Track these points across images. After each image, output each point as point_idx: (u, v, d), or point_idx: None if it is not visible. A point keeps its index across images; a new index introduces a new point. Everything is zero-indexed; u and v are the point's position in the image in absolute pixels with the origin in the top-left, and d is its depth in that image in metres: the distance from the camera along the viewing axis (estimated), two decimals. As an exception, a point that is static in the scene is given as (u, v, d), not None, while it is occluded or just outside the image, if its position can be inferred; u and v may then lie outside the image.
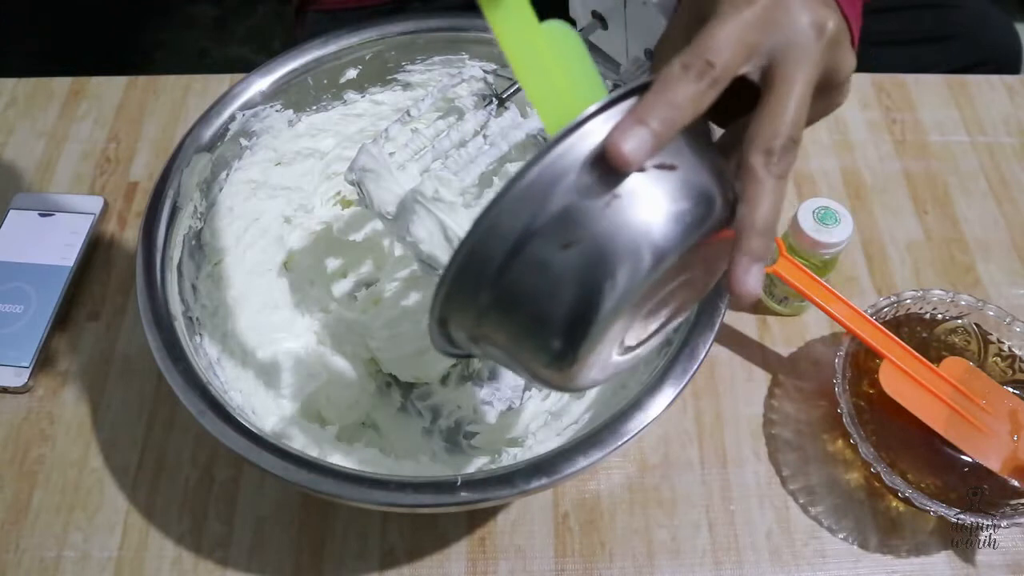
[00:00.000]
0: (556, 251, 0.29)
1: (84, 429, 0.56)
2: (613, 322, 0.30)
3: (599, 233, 0.29)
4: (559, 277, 0.29)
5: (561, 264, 0.29)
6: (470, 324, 0.32)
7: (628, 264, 0.29)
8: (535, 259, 0.29)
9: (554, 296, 0.29)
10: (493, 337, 0.32)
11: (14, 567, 0.50)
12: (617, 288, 0.29)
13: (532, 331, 0.31)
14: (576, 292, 0.29)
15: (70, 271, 0.61)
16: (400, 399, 0.57)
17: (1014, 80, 0.77)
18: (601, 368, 0.33)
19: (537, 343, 0.31)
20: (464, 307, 0.32)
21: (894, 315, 0.56)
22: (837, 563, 0.51)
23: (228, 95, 0.53)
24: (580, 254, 0.29)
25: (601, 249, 0.29)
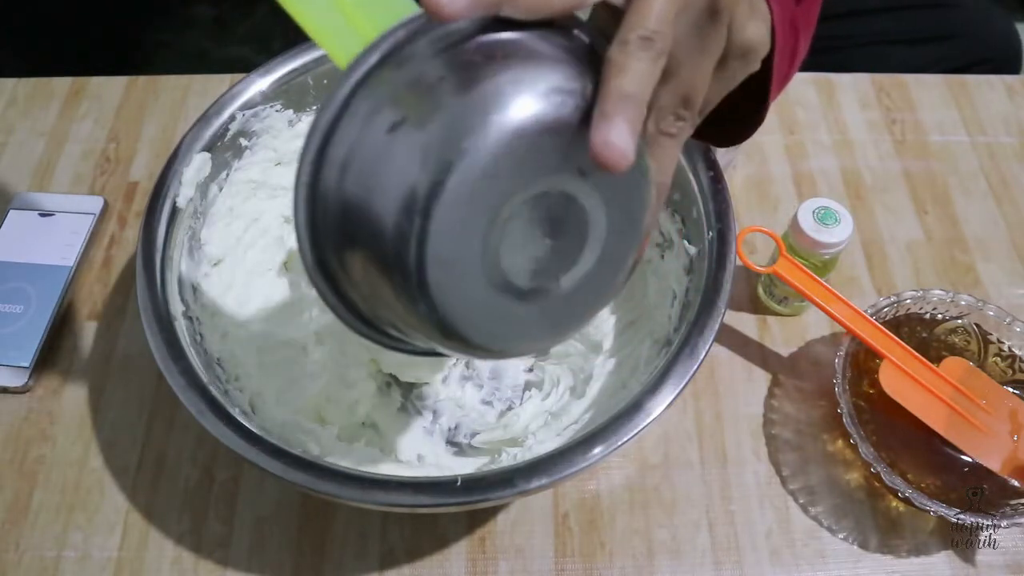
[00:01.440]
0: (382, 135, 0.27)
1: (84, 429, 0.56)
2: (455, 220, 0.27)
3: (422, 109, 0.27)
4: (387, 168, 0.27)
5: (387, 150, 0.27)
6: (340, 268, 0.30)
7: (454, 143, 0.26)
8: (366, 153, 0.28)
9: (385, 195, 0.27)
10: (363, 284, 0.30)
11: (14, 567, 0.50)
12: (449, 173, 0.26)
13: (380, 250, 0.28)
14: (404, 183, 0.27)
15: (70, 271, 0.61)
16: (400, 399, 0.57)
17: (1014, 80, 0.77)
18: (491, 313, 0.31)
19: (390, 264, 0.28)
20: (327, 243, 0.30)
21: (894, 315, 0.56)
22: (837, 563, 0.51)
23: (228, 95, 0.53)
24: (405, 134, 0.27)
25: (424, 125, 0.27)
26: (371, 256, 0.29)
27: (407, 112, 0.27)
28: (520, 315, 0.32)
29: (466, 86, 0.27)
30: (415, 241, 0.27)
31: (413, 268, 0.27)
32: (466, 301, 0.29)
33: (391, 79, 0.28)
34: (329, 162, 0.29)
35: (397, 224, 0.27)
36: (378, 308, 0.32)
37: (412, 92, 0.28)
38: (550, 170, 0.29)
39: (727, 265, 0.47)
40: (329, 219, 0.29)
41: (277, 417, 0.51)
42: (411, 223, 0.27)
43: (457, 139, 0.26)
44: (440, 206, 0.27)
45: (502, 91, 0.27)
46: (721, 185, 0.50)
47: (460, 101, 0.27)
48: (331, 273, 0.31)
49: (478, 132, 0.26)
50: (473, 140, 0.26)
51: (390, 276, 0.29)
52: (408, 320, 0.31)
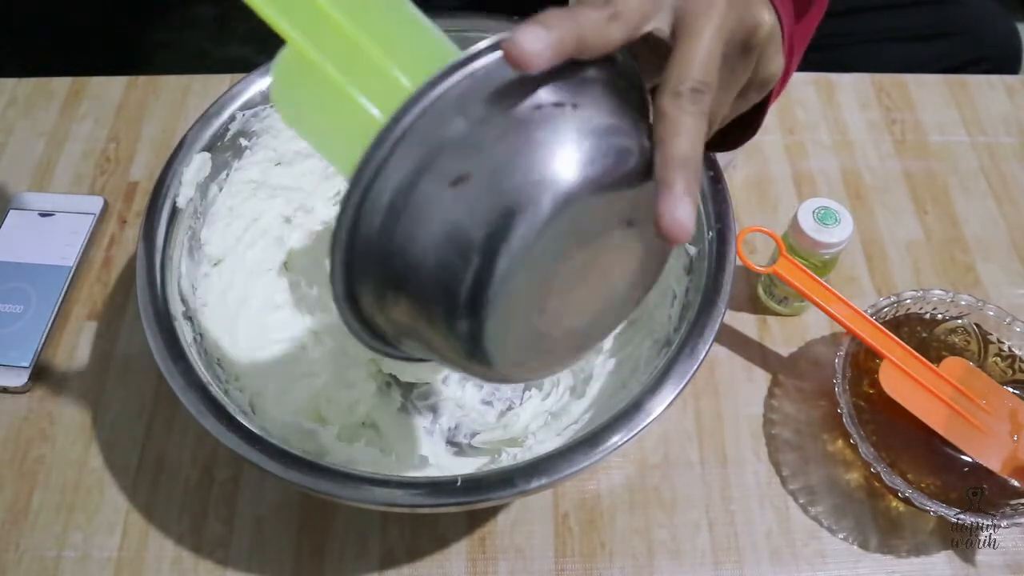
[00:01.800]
0: (444, 189, 0.27)
1: (84, 429, 0.56)
2: (516, 273, 0.27)
3: (490, 166, 0.27)
4: (448, 220, 0.27)
5: (449, 204, 0.27)
6: (375, 302, 0.30)
7: (523, 201, 0.27)
8: (424, 200, 0.27)
9: (445, 246, 0.27)
10: (399, 316, 0.30)
11: (14, 567, 0.50)
12: (514, 230, 0.26)
13: (428, 294, 0.28)
14: (468, 236, 0.27)
15: (70, 271, 0.61)
16: (400, 399, 0.57)
17: (1014, 80, 0.77)
18: (527, 346, 0.31)
19: (437, 309, 0.29)
20: (364, 280, 0.30)
21: (894, 315, 0.56)
22: (837, 563, 0.51)
23: (228, 95, 0.53)
24: (470, 190, 0.27)
25: (493, 182, 0.27)
26: (419, 300, 0.29)
27: (472, 167, 0.27)
28: (549, 348, 0.33)
29: (533, 141, 0.27)
30: (472, 293, 0.27)
31: (466, 314, 0.28)
32: (509, 341, 0.30)
33: (452, 126, 0.27)
34: (375, 203, 0.28)
35: (455, 276, 0.27)
36: (405, 337, 0.32)
37: (477, 145, 0.27)
38: (606, 224, 0.30)
39: (727, 265, 0.47)
40: (371, 258, 0.29)
41: (277, 417, 0.51)
42: (471, 275, 0.27)
43: (523, 199, 0.27)
44: (502, 263, 0.27)
45: (568, 148, 0.27)
46: (721, 185, 0.50)
47: (527, 159, 0.27)
48: (359, 303, 0.31)
49: (544, 191, 0.27)
50: (539, 200, 0.27)
51: (437, 319, 0.29)
52: (439, 350, 0.31)
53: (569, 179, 0.27)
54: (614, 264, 0.32)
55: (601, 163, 0.28)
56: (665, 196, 0.28)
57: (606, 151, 0.28)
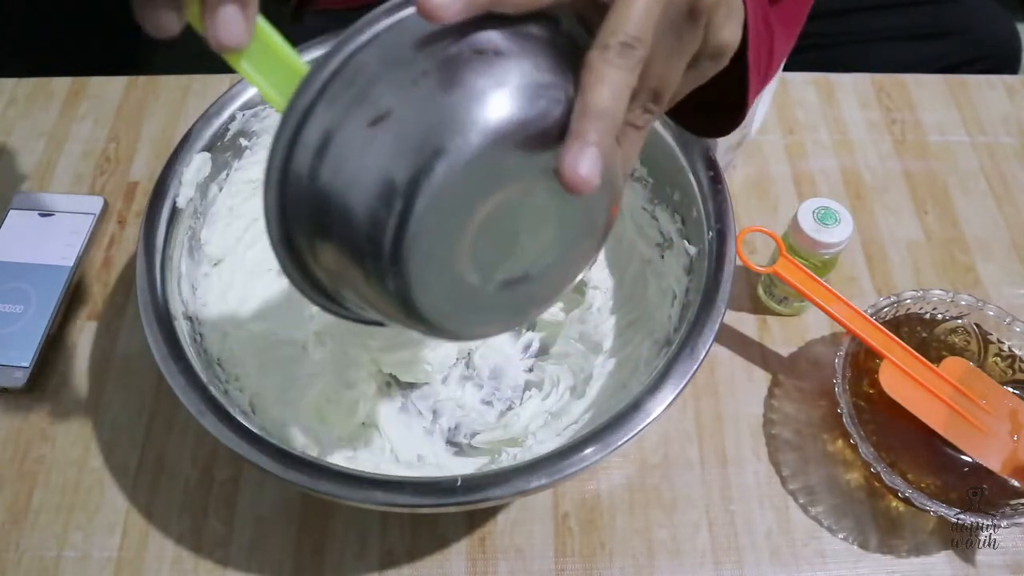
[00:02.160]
0: (363, 128, 0.27)
1: (84, 429, 0.56)
2: (433, 215, 0.27)
3: (408, 106, 0.27)
4: (367, 161, 0.27)
5: (368, 144, 0.27)
6: (309, 250, 0.31)
7: (438, 143, 0.27)
8: (344, 143, 0.28)
9: (364, 187, 0.27)
10: (331, 264, 0.30)
11: (14, 567, 0.50)
12: (430, 170, 0.27)
13: (354, 239, 0.28)
14: (385, 177, 0.27)
15: (70, 271, 0.61)
16: (400, 399, 0.57)
17: (1014, 80, 0.77)
18: (458, 300, 0.31)
19: (362, 254, 0.29)
20: (297, 225, 0.30)
21: (894, 315, 0.56)
22: (837, 563, 0.51)
23: (228, 95, 0.53)
24: (388, 130, 0.27)
25: (409, 123, 0.27)
26: (343, 241, 0.29)
27: (391, 106, 0.27)
28: (484, 302, 0.32)
29: (452, 83, 0.27)
30: (393, 233, 0.27)
31: (389, 257, 0.28)
32: (436, 289, 0.30)
33: (374, 69, 0.28)
34: (303, 146, 0.29)
35: (375, 215, 0.27)
36: (341, 286, 0.32)
37: (396, 85, 0.28)
38: (528, 170, 0.29)
39: (727, 265, 0.47)
40: (301, 201, 0.29)
41: (277, 417, 0.51)
42: (390, 215, 0.27)
43: (441, 138, 0.27)
44: (421, 202, 0.27)
45: (487, 91, 0.27)
46: (721, 185, 0.50)
47: (446, 99, 0.27)
48: (296, 249, 0.31)
49: (463, 131, 0.27)
50: (458, 139, 0.27)
51: (362, 261, 0.29)
52: (374, 301, 0.31)
53: (485, 122, 0.27)
54: (546, 219, 0.31)
55: (520, 109, 0.27)
56: (570, 143, 0.27)
57: (528, 98, 0.28)
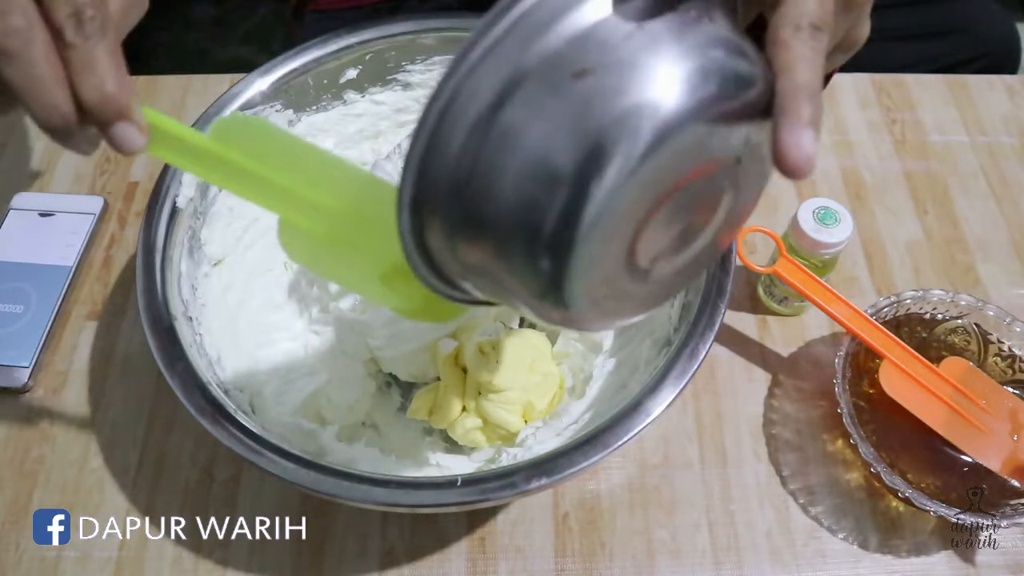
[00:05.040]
0: (543, 102, 0.24)
1: (84, 429, 0.56)
2: (618, 195, 0.25)
3: (618, 60, 0.24)
4: (546, 137, 0.24)
5: (548, 120, 0.24)
6: (445, 234, 0.28)
7: (632, 122, 0.24)
8: (518, 114, 0.24)
9: (541, 165, 0.24)
10: (470, 250, 0.28)
11: (14, 567, 0.50)
12: (618, 154, 0.24)
13: (512, 220, 0.26)
14: (569, 156, 0.24)
15: (70, 271, 0.61)
16: (400, 399, 0.57)
17: (1014, 80, 0.77)
18: (607, 291, 0.29)
19: (519, 237, 0.26)
20: (436, 207, 0.27)
21: (894, 315, 0.56)
22: (837, 563, 0.51)
23: (228, 95, 0.53)
24: (573, 105, 0.24)
25: (601, 99, 0.24)
26: (500, 224, 0.26)
27: (593, 63, 0.25)
28: (634, 290, 0.30)
29: (643, 62, 0.25)
30: (568, 220, 0.25)
31: (558, 246, 0.25)
32: (594, 278, 0.27)
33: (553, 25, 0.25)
34: (457, 120, 0.25)
35: (551, 198, 0.25)
36: (472, 274, 0.30)
37: (577, 60, 0.25)
38: (718, 155, 0.27)
39: (727, 265, 0.47)
40: (445, 183, 0.26)
41: (277, 417, 0.51)
42: (570, 201, 0.25)
43: (631, 121, 0.24)
44: (601, 191, 0.24)
45: (680, 72, 0.25)
46: (721, 185, 0.50)
47: (637, 79, 0.25)
48: (424, 236, 0.29)
49: (654, 114, 0.24)
50: (646, 124, 0.24)
51: (519, 250, 0.26)
52: (510, 284, 0.29)
53: (681, 102, 0.24)
54: (708, 206, 0.30)
55: (718, 87, 0.25)
56: (792, 125, 0.26)
57: (725, 75, 0.26)
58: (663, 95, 0.24)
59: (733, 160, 0.28)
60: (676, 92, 0.25)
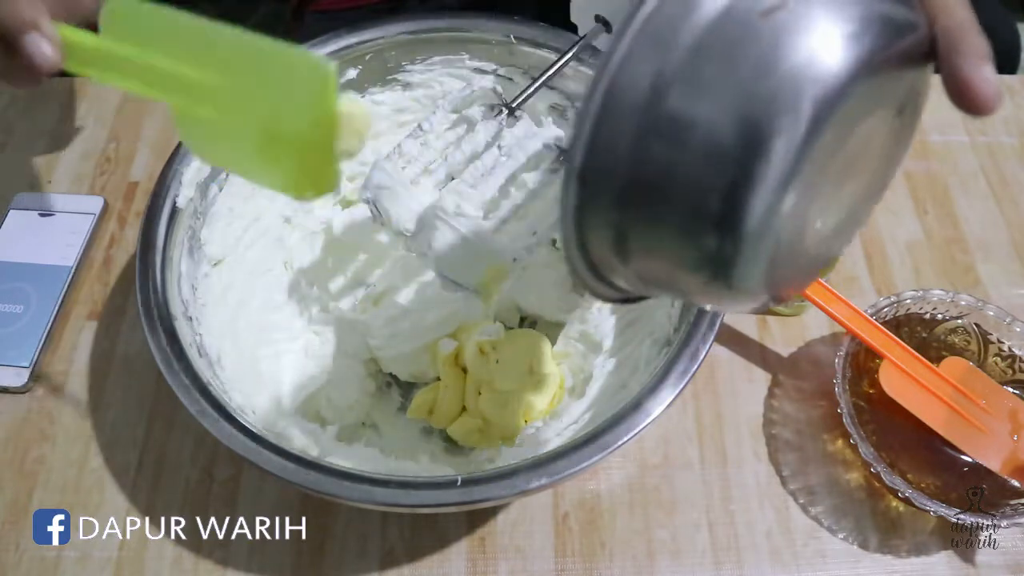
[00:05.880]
0: (704, 86, 0.23)
1: (84, 429, 0.56)
2: (817, 141, 0.23)
3: (758, 51, 0.23)
4: (715, 121, 0.23)
5: (715, 101, 0.23)
6: (609, 225, 0.26)
7: (804, 86, 0.23)
8: (681, 103, 0.23)
9: (716, 152, 0.23)
10: (641, 246, 0.26)
11: (14, 567, 0.50)
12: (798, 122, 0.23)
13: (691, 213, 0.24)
14: (744, 137, 0.23)
15: (70, 271, 0.61)
16: (400, 399, 0.57)
17: (1014, 80, 0.77)
18: (789, 260, 0.27)
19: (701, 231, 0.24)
20: (602, 195, 0.26)
21: (894, 315, 0.56)
22: (837, 563, 0.51)
23: (228, 95, 0.53)
24: (739, 82, 0.23)
25: (766, 68, 0.23)
26: (671, 210, 0.25)
27: (734, 57, 0.24)
28: (802, 261, 0.29)
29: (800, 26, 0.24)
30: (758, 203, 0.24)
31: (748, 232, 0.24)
32: (768, 255, 0.26)
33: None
34: (619, 118, 0.24)
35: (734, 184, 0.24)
36: (633, 265, 0.28)
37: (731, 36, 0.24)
38: (885, 108, 0.27)
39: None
40: (611, 189, 0.25)
41: (277, 417, 0.51)
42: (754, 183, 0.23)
43: (803, 86, 0.23)
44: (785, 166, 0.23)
45: (840, 27, 0.24)
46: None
47: (798, 42, 0.24)
48: (584, 228, 0.27)
49: (825, 75, 0.23)
50: (820, 85, 0.23)
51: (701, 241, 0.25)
52: (675, 276, 0.28)
53: (858, 50, 0.24)
54: (868, 161, 0.29)
55: (895, 33, 0.25)
56: (973, 59, 0.26)
57: (898, 23, 0.25)
58: (829, 54, 0.24)
59: (896, 110, 0.27)
60: (843, 48, 0.24)
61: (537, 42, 0.55)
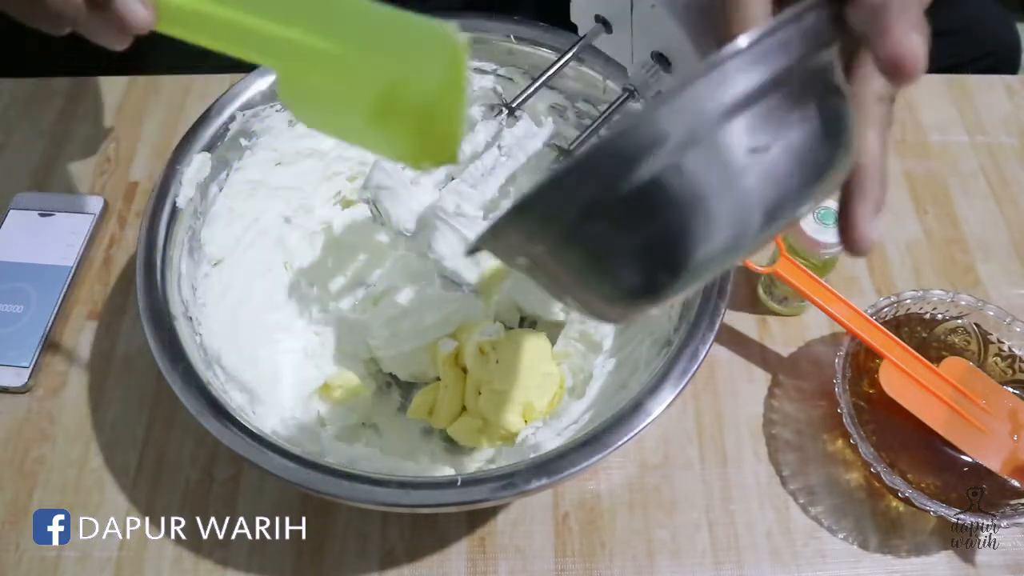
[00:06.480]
0: (743, 156, 0.25)
1: (84, 429, 0.56)
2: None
3: (787, 147, 0.25)
4: (733, 187, 0.25)
5: (744, 167, 0.25)
6: (542, 252, 0.28)
7: (797, 194, 0.25)
8: (710, 159, 0.25)
9: (711, 210, 0.25)
10: (560, 270, 0.28)
11: (14, 567, 0.50)
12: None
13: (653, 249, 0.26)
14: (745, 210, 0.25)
15: (70, 271, 0.61)
16: (400, 399, 0.57)
17: (1014, 80, 0.77)
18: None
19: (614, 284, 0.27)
20: (543, 237, 0.27)
21: (894, 315, 0.56)
22: (837, 563, 0.51)
23: (228, 95, 0.53)
24: (768, 161, 0.25)
25: (790, 160, 0.25)
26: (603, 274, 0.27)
27: (776, 139, 0.26)
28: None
29: (822, 124, 0.26)
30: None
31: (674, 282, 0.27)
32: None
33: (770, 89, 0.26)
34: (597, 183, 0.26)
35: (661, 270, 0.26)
36: (543, 278, 0.30)
37: (785, 119, 0.26)
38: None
39: (727, 265, 0.47)
40: (590, 189, 0.26)
41: (277, 417, 0.51)
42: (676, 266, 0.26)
43: (801, 190, 0.26)
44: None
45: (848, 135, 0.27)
46: (721, 185, 0.50)
47: (818, 150, 0.26)
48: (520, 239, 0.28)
49: (819, 183, 0.26)
50: (811, 191, 0.26)
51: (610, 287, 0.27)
52: (581, 295, 0.29)
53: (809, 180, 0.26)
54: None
55: (830, 167, 0.27)
56: (868, 212, 0.27)
57: (837, 156, 0.27)
58: (810, 185, 0.26)
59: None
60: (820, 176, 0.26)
61: (537, 42, 0.55)
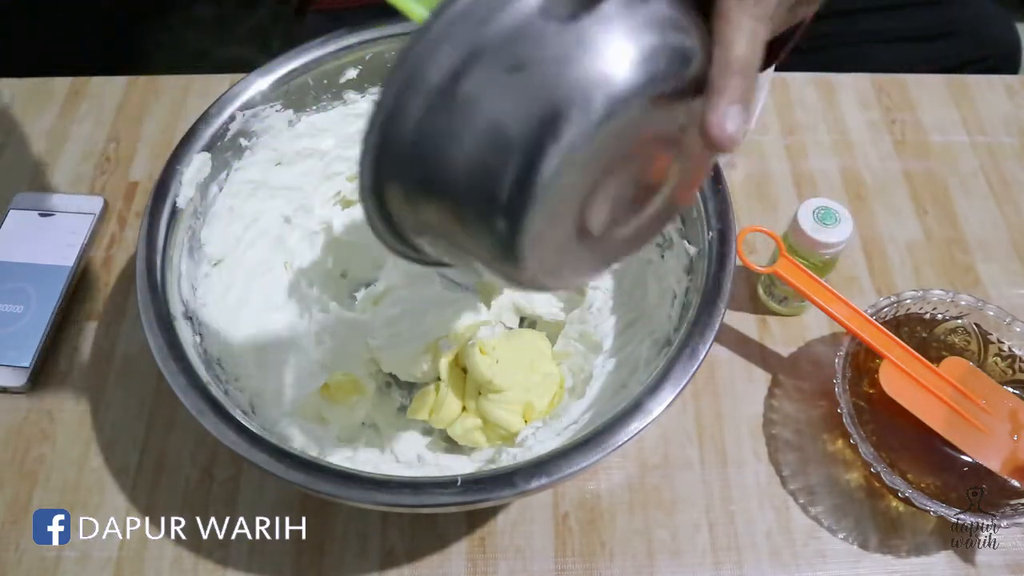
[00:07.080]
0: (500, 74, 0.26)
1: (84, 429, 0.56)
2: (565, 172, 0.27)
3: (552, 55, 0.26)
4: (499, 109, 0.26)
5: (504, 90, 0.26)
6: (405, 194, 0.30)
7: (578, 97, 0.26)
8: (476, 85, 0.26)
9: (496, 131, 0.26)
10: (429, 211, 0.29)
11: (14, 567, 0.50)
12: (566, 126, 0.26)
13: (469, 187, 0.27)
14: (523, 124, 0.26)
15: (70, 271, 0.61)
16: (400, 399, 0.57)
17: (1014, 80, 0.77)
18: (559, 252, 0.31)
19: (475, 204, 0.28)
20: (397, 170, 0.29)
21: (894, 315, 0.56)
22: (837, 563, 0.51)
23: (228, 95, 0.53)
24: (527, 78, 0.26)
25: (551, 73, 0.26)
26: (457, 192, 0.28)
27: (531, 56, 0.26)
28: (581, 257, 0.32)
29: (593, 40, 0.26)
30: (521, 184, 0.26)
31: (509, 215, 0.27)
32: (545, 244, 0.29)
33: (512, 16, 0.27)
34: (418, 90, 0.27)
35: (500, 168, 0.27)
36: (430, 235, 0.31)
37: (535, 37, 0.26)
38: (660, 126, 0.29)
39: (727, 265, 0.47)
40: (405, 147, 0.28)
41: (277, 417, 0.51)
42: (523, 166, 0.26)
43: (581, 94, 0.26)
44: (551, 158, 0.26)
45: (629, 50, 0.27)
46: (721, 185, 0.50)
47: (584, 54, 0.26)
48: (384, 197, 0.30)
49: (602, 87, 0.26)
50: (596, 96, 0.26)
51: (475, 213, 0.28)
52: (467, 245, 0.30)
53: (629, 78, 0.26)
54: (657, 172, 0.31)
55: (664, 64, 0.27)
56: (716, 101, 0.27)
57: (670, 51, 0.27)
58: (614, 70, 0.26)
59: (677, 129, 0.30)
60: (626, 68, 0.26)
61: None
